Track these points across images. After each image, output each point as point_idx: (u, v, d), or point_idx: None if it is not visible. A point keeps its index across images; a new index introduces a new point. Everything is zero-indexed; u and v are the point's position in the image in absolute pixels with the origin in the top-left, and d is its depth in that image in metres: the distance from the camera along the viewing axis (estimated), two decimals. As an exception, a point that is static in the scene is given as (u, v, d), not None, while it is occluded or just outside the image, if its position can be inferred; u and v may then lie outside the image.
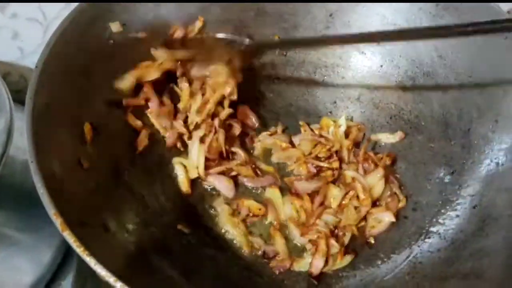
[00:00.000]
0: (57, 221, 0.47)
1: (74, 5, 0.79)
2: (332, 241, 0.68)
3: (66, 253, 0.74)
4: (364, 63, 0.81)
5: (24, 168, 0.71)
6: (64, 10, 0.84)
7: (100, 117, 0.66)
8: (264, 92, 0.84)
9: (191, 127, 0.74)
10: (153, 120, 0.74)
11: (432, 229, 0.68)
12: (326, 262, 0.68)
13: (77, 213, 0.52)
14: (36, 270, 0.70)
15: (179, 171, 0.73)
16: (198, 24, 0.77)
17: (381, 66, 0.80)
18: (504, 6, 0.87)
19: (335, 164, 0.76)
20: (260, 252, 0.70)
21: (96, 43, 0.67)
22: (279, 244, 0.70)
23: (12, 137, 0.64)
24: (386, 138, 0.79)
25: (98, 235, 0.54)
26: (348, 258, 0.68)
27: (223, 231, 0.71)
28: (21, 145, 0.67)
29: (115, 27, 0.69)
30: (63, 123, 0.60)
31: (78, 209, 0.54)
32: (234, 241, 0.70)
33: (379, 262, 0.67)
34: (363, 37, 0.75)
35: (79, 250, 0.45)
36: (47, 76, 0.58)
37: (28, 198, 0.68)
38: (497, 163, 0.66)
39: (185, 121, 0.75)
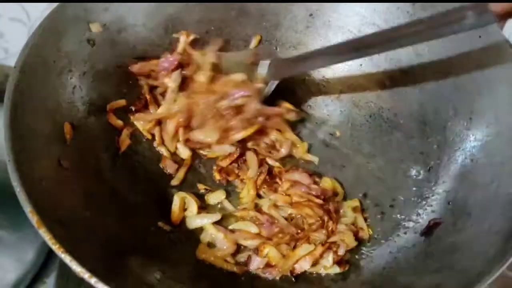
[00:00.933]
0: (33, 218, 0.48)
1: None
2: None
3: (50, 251, 0.74)
4: (344, 62, 0.82)
5: (5, 168, 0.71)
6: (48, 11, 0.83)
7: (80, 117, 0.67)
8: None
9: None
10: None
11: (408, 224, 0.69)
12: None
13: (56, 212, 0.53)
14: (19, 268, 0.70)
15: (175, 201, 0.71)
16: (183, 39, 0.78)
17: (361, 65, 0.82)
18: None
19: None
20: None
21: (75, 44, 0.67)
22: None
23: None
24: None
25: (78, 234, 0.54)
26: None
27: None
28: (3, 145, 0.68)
29: (95, 27, 0.69)
30: (43, 122, 0.60)
31: (57, 208, 0.54)
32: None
33: (356, 257, 0.68)
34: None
35: (55, 247, 0.46)
36: (26, 76, 0.59)
37: (12, 197, 0.69)
38: (472, 160, 0.68)
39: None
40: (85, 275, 0.45)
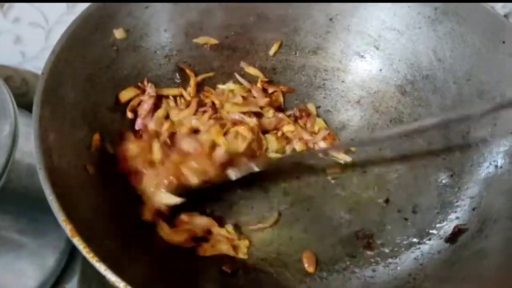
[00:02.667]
0: (67, 227, 0.48)
1: (75, 10, 0.81)
2: None
3: (70, 256, 0.75)
4: (364, 67, 0.82)
5: (29, 173, 0.71)
6: (66, 15, 0.85)
7: (104, 123, 0.67)
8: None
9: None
10: None
11: (432, 231, 0.69)
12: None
13: (84, 219, 0.53)
14: (40, 274, 0.71)
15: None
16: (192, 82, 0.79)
17: (381, 70, 0.81)
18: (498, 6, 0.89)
19: None
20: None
21: (100, 50, 0.67)
22: None
23: (17, 142, 0.65)
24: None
25: (107, 241, 0.54)
26: None
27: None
28: (26, 149, 0.68)
29: (119, 34, 0.69)
30: (69, 129, 0.60)
31: (85, 215, 0.55)
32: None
33: (381, 264, 0.68)
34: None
35: (89, 256, 0.46)
36: (53, 84, 0.59)
37: (33, 203, 0.69)
38: (496, 166, 0.67)
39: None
40: (121, 284, 0.45)
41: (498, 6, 0.98)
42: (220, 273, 0.66)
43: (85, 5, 0.66)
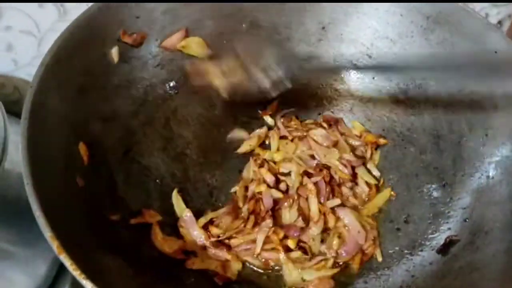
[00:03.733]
0: (54, 244, 0.47)
1: (67, 18, 0.81)
2: None
3: (61, 265, 0.74)
4: (357, 76, 0.82)
5: (19, 182, 0.70)
6: (58, 23, 0.85)
7: (95, 135, 0.67)
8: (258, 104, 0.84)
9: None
10: None
11: (424, 242, 0.69)
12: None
13: (72, 233, 0.53)
14: (31, 283, 0.71)
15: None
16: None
17: (374, 78, 0.81)
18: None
19: None
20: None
21: (90, 61, 0.67)
22: None
23: (7, 151, 0.65)
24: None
25: (96, 255, 0.54)
26: None
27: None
28: (16, 159, 0.68)
29: (115, 55, 0.70)
30: (59, 142, 0.60)
31: (73, 229, 0.54)
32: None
33: (372, 275, 0.68)
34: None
35: (76, 273, 0.46)
36: (42, 96, 0.58)
37: (23, 212, 0.68)
38: (488, 176, 0.67)
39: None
40: (107, 302, 0.45)
41: (493, 12, 0.98)
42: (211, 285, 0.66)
43: (77, 13, 0.66)
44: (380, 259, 0.70)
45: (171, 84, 0.79)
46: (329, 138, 0.78)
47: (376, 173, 0.78)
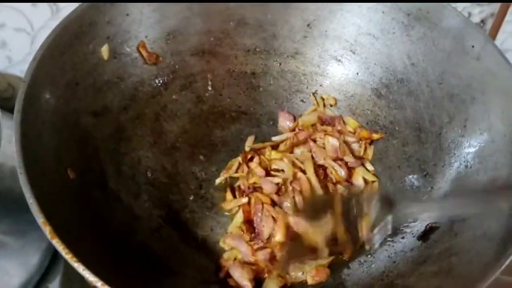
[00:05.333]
0: (46, 229, 0.49)
1: (60, 15, 0.83)
2: None
3: (54, 256, 0.76)
4: (341, 71, 0.85)
5: (12, 175, 0.72)
6: (51, 21, 0.86)
7: (87, 129, 0.69)
8: (245, 100, 0.86)
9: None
10: None
11: (406, 229, 0.71)
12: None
13: (64, 222, 0.55)
14: (23, 272, 0.72)
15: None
16: None
17: (357, 73, 0.84)
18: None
19: None
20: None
21: (80, 57, 0.69)
22: None
23: (0, 145, 0.66)
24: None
25: (86, 243, 0.56)
26: None
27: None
28: (9, 153, 0.69)
29: (105, 53, 0.72)
30: (51, 135, 0.62)
31: (65, 218, 0.56)
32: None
33: (356, 263, 0.70)
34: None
35: (68, 257, 0.48)
36: (34, 90, 0.60)
37: (16, 203, 0.70)
38: (466, 166, 0.70)
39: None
40: (98, 283, 0.47)
41: (475, 11, 1.01)
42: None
43: (69, 11, 0.68)
44: (368, 247, 0.71)
45: (161, 80, 0.81)
46: (337, 150, 0.79)
47: (371, 168, 0.80)
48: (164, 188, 0.76)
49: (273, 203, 0.73)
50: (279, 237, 0.69)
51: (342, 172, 0.77)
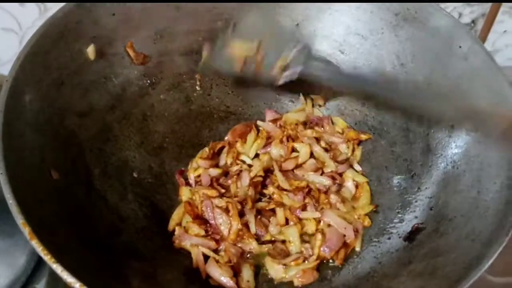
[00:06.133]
0: (25, 229, 0.49)
1: (48, 15, 0.82)
2: None
3: (40, 257, 0.75)
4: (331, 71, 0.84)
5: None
6: (39, 21, 0.86)
7: (72, 129, 0.68)
8: (234, 100, 0.86)
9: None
10: None
11: (392, 230, 0.71)
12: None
13: (47, 222, 0.54)
14: (10, 273, 0.71)
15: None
16: None
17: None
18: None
19: None
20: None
21: (66, 56, 0.68)
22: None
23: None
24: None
25: (68, 244, 0.56)
26: None
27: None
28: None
29: (91, 52, 0.71)
30: (34, 134, 0.61)
31: (48, 218, 0.56)
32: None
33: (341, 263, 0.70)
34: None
35: (47, 258, 0.48)
36: (18, 90, 0.60)
37: (2, 203, 0.70)
38: (453, 166, 0.70)
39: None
40: (76, 284, 0.47)
41: (466, 11, 1.01)
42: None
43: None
44: (358, 248, 0.72)
45: (148, 80, 0.80)
46: (314, 165, 0.79)
47: (359, 168, 0.80)
48: (151, 188, 0.76)
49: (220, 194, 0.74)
50: (235, 225, 0.69)
51: (327, 182, 0.77)
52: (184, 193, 0.75)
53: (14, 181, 0.52)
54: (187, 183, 0.77)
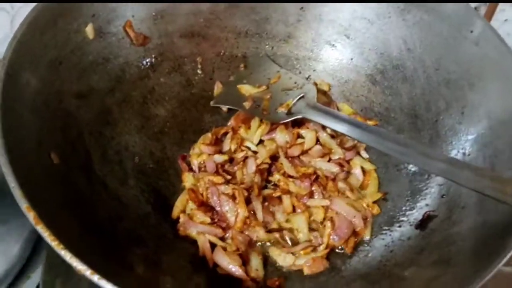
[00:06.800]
0: (30, 214, 0.46)
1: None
2: None
3: (35, 245, 0.73)
4: (335, 56, 0.83)
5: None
6: (30, 1, 0.82)
7: (70, 111, 0.65)
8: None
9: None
10: None
11: (402, 218, 0.69)
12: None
13: (48, 207, 0.51)
14: (4, 261, 0.69)
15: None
16: None
17: (351, 59, 0.82)
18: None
19: None
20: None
21: (63, 35, 0.65)
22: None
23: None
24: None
25: (71, 229, 0.53)
26: None
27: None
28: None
29: (90, 32, 0.68)
30: (32, 116, 0.58)
31: (49, 203, 0.53)
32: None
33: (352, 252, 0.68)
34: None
35: (54, 244, 0.45)
36: (14, 70, 0.57)
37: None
38: (464, 153, 0.68)
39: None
40: (87, 272, 0.44)
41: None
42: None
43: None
44: (368, 237, 0.70)
45: (148, 62, 0.77)
46: (320, 152, 0.77)
47: (365, 155, 0.78)
48: (152, 174, 0.73)
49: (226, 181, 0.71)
50: (242, 213, 0.67)
51: (335, 169, 0.75)
52: (188, 179, 0.72)
53: (15, 164, 0.49)
54: (190, 169, 0.74)
